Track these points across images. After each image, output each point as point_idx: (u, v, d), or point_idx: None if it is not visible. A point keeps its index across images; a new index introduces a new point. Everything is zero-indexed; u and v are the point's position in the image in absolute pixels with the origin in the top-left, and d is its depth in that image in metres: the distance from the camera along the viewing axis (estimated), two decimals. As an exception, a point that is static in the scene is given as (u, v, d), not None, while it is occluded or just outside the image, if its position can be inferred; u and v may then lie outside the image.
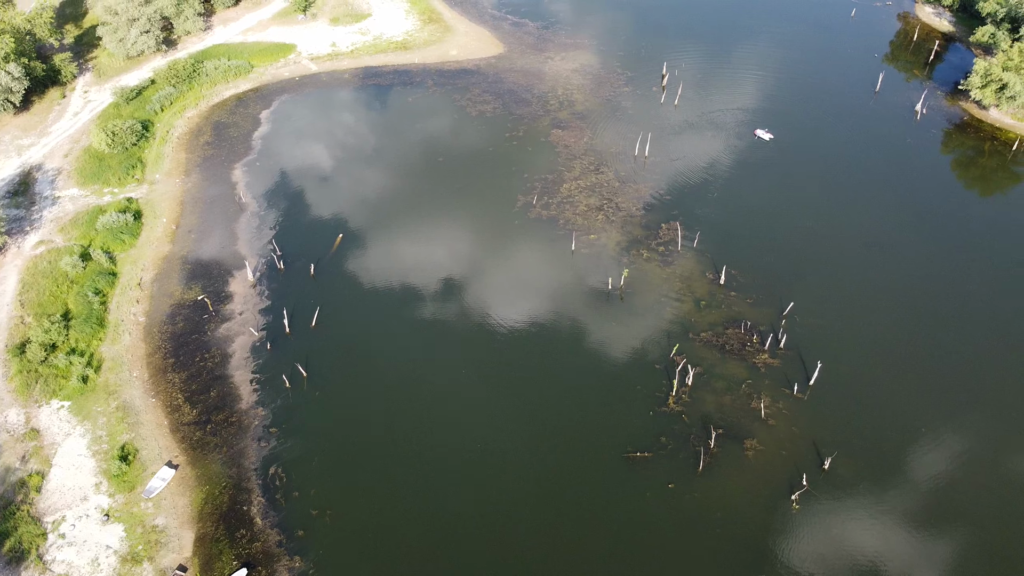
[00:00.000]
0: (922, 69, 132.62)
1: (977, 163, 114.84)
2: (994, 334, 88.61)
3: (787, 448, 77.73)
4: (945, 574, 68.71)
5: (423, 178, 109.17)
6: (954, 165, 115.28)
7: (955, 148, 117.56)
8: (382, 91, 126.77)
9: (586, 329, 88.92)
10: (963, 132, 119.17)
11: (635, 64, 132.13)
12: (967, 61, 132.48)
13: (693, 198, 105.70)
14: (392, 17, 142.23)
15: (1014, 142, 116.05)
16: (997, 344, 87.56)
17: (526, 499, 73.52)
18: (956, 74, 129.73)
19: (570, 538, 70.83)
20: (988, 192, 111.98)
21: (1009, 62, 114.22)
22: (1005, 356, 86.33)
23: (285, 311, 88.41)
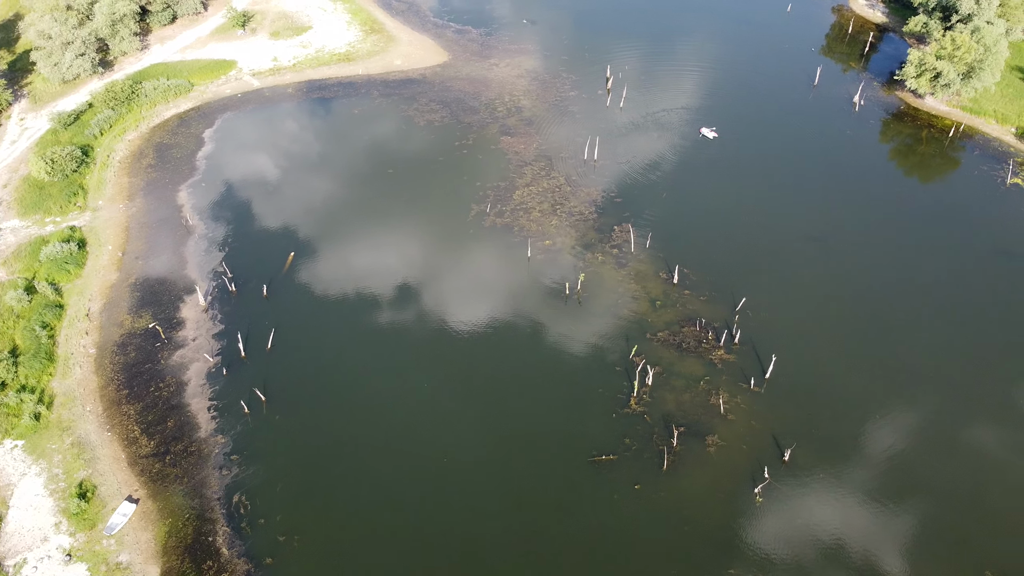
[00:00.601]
0: (858, 61, 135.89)
1: (916, 151, 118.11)
2: (940, 316, 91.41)
3: (747, 442, 79.13)
4: (904, 547, 70.97)
5: (374, 191, 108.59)
6: (893, 154, 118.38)
7: (893, 137, 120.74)
8: (327, 104, 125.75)
9: (546, 334, 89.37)
10: (900, 121, 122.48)
11: (579, 68, 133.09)
12: (901, 51, 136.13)
13: (643, 199, 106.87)
14: (334, 29, 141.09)
15: (950, 129, 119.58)
16: (943, 325, 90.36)
17: (495, 511, 73.66)
18: (891, 64, 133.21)
19: (541, 547, 71.15)
20: (928, 179, 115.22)
21: (942, 51, 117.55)
22: (951, 336, 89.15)
23: (239, 334, 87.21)
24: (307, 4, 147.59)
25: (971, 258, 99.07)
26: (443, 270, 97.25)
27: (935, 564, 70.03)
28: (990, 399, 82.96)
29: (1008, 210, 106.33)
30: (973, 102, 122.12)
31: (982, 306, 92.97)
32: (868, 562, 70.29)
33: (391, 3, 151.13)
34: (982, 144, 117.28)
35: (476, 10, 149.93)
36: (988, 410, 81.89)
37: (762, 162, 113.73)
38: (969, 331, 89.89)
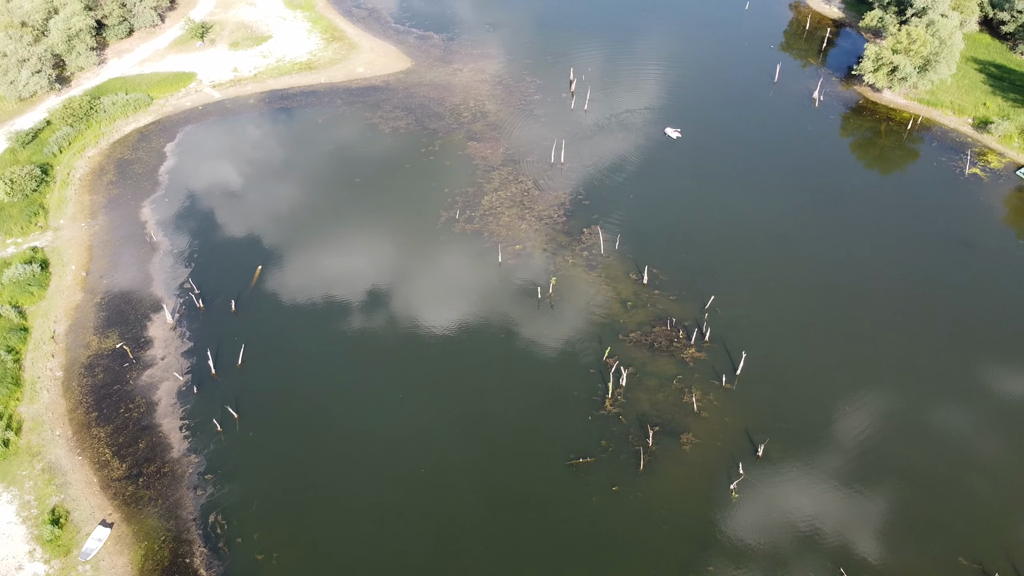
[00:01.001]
0: (816, 56, 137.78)
1: (875, 144, 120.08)
2: (903, 305, 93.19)
3: (721, 439, 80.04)
4: (879, 534, 72.41)
5: (341, 200, 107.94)
6: (853, 147, 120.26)
7: (853, 131, 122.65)
8: (290, 114, 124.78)
9: (520, 340, 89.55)
10: (860, 115, 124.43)
11: (543, 70, 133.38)
12: (858, 46, 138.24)
13: (611, 201, 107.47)
14: (294, 38, 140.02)
15: (908, 121, 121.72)
16: (907, 315, 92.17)
17: (475, 519, 73.71)
18: (849, 59, 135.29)
19: (523, 554, 71.37)
20: (888, 171, 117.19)
21: (898, 45, 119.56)
22: (915, 325, 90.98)
23: (209, 352, 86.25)
24: (266, 13, 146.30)
25: (932, 248, 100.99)
26: (414, 278, 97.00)
27: (909, 551, 71.41)
28: (953, 384, 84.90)
29: (967, 200, 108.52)
30: (930, 94, 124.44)
31: (944, 294, 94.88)
32: (844, 551, 71.44)
33: (351, 10, 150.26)
34: (940, 135, 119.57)
35: (437, 15, 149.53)
36: (952, 394, 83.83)
37: (725, 160, 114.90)
38: (932, 319, 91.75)
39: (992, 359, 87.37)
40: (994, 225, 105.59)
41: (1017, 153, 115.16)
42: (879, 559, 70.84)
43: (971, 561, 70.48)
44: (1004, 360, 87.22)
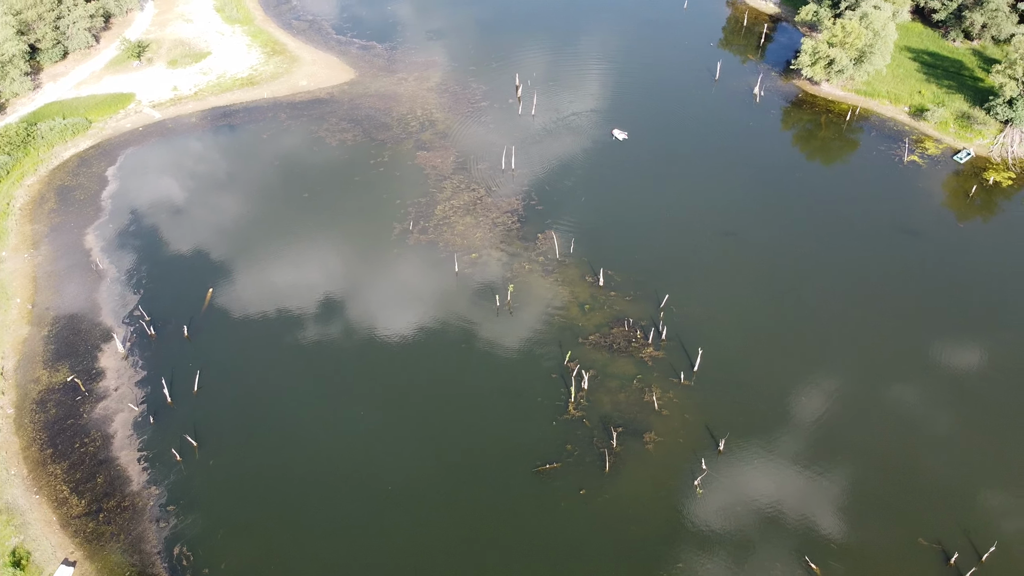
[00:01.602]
0: (755, 52, 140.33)
1: (816, 136, 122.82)
2: (850, 293, 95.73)
3: (683, 436, 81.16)
4: (841, 519, 74.25)
5: (291, 217, 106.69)
6: (795, 140, 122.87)
7: (794, 124, 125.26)
8: (234, 131, 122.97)
9: (481, 348, 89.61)
10: (800, 109, 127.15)
11: (488, 77, 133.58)
12: (795, 40, 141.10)
13: (563, 204, 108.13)
14: (234, 53, 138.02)
15: (847, 112, 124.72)
16: (854, 301, 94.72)
17: (444, 533, 73.56)
18: (787, 54, 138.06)
19: (494, 565, 71.48)
20: (830, 162, 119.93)
21: (834, 38, 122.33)
22: (863, 310, 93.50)
23: (163, 380, 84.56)
24: (204, 29, 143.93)
25: (877, 236, 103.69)
26: (370, 292, 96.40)
27: (871, 534, 73.23)
28: (904, 366, 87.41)
29: (907, 187, 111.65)
30: (867, 85, 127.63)
31: (890, 280, 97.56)
32: (807, 538, 72.99)
33: (291, 23, 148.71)
34: (878, 125, 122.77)
35: (379, 25, 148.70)
36: (903, 377, 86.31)
37: (672, 159, 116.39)
38: (880, 305, 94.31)
39: (940, 341, 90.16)
40: (934, 210, 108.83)
41: (953, 139, 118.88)
42: (842, 544, 72.52)
43: (930, 542, 72.57)
44: (951, 341, 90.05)
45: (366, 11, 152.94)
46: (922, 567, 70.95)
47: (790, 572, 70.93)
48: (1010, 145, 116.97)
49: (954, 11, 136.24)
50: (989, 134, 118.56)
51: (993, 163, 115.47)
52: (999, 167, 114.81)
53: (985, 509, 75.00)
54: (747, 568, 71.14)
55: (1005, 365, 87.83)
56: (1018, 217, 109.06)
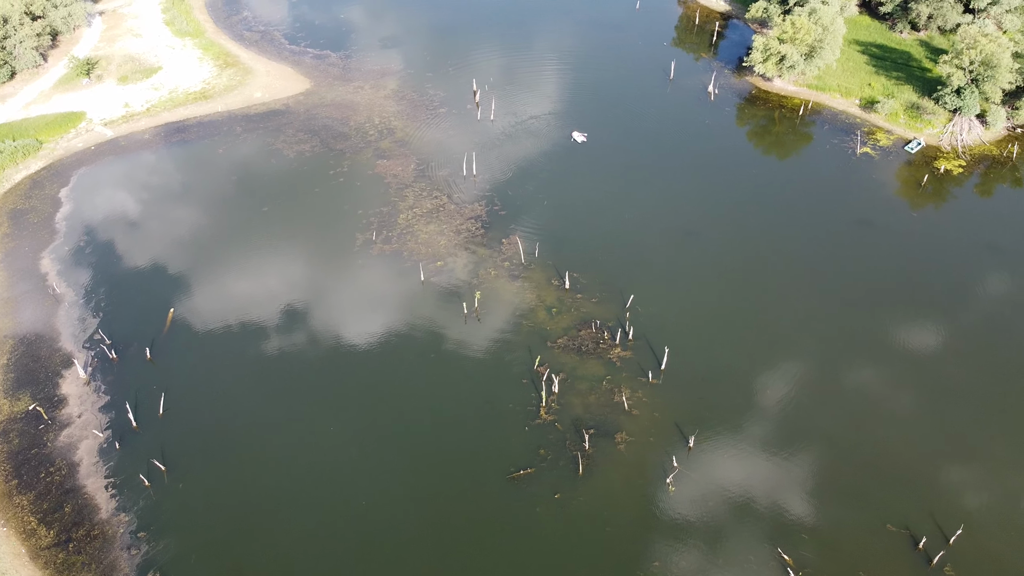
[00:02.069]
0: (708, 50, 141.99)
1: (771, 131, 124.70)
2: (810, 285, 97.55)
3: (653, 434, 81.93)
4: (810, 508, 75.66)
5: (251, 232, 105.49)
6: (750, 136, 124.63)
7: (748, 121, 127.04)
8: (189, 147, 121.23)
9: (450, 357, 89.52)
10: (754, 105, 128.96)
11: (445, 83, 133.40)
12: (747, 37, 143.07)
13: (526, 209, 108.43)
14: (185, 67, 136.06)
15: (800, 107, 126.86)
16: (813, 293, 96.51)
17: (421, 545, 73.33)
18: (739, 51, 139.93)
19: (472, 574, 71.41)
20: (785, 156, 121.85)
21: (784, 34, 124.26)
22: (821, 301, 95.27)
23: (127, 404, 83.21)
24: (154, 44, 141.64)
25: (834, 228, 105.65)
26: (335, 305, 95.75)
27: (841, 522, 74.61)
28: (866, 355, 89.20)
29: (861, 178, 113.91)
30: (818, 79, 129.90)
31: (846, 269, 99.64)
32: (779, 529, 74.13)
33: (243, 34, 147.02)
34: (830, 118, 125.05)
35: (332, 34, 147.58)
36: (865, 365, 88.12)
37: (631, 160, 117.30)
38: (836, 293, 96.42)
39: (897, 326, 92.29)
40: (888, 200, 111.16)
41: (904, 129, 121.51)
42: (812, 534, 73.78)
43: (898, 527, 74.16)
44: (908, 326, 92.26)
45: (319, 20, 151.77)
46: (892, 553, 72.44)
47: (763, 564, 71.99)
48: (959, 134, 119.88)
49: (900, 3, 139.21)
50: (938, 123, 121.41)
51: (943, 152, 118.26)
52: (949, 156, 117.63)
53: (950, 492, 76.86)
54: (722, 562, 72.08)
55: (960, 347, 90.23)
56: (968, 204, 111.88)
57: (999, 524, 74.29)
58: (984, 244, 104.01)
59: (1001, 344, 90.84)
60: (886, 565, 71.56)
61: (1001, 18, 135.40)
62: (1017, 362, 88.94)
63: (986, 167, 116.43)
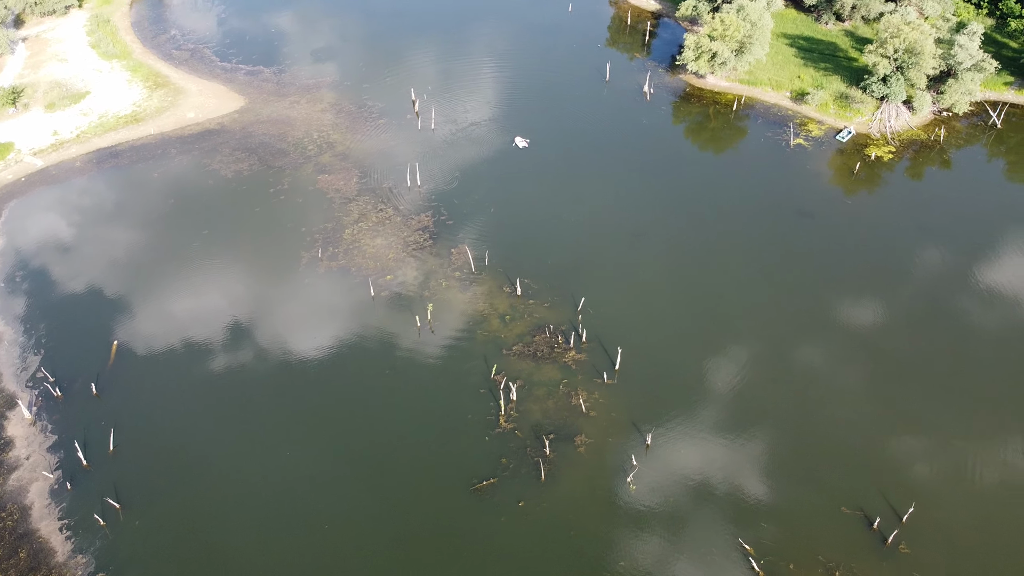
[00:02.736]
0: (641, 50, 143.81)
1: (707, 128, 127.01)
2: (752, 276, 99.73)
3: (612, 435, 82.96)
4: (768, 494, 77.62)
5: (192, 257, 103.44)
6: (687, 134, 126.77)
7: (685, 118, 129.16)
8: (123, 172, 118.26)
9: (406, 372, 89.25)
10: (689, 103, 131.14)
11: (383, 94, 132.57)
12: (678, 35, 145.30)
13: (473, 217, 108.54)
14: (114, 90, 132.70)
15: (733, 102, 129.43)
16: (757, 284, 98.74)
17: (389, 565, 73.14)
18: (671, 49, 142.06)
19: (441, 588, 71.59)
20: (721, 151, 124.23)
21: (714, 32, 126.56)
22: (765, 292, 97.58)
23: (76, 442, 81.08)
24: (81, 68, 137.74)
25: (772, 218, 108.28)
26: (285, 326, 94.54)
27: (798, 509, 76.67)
28: (806, 338, 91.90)
29: (796, 169, 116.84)
30: (749, 74, 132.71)
31: (787, 258, 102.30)
32: (738, 519, 75.82)
33: (172, 53, 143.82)
34: (763, 112, 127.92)
35: (264, 49, 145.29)
36: (807, 348, 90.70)
37: (574, 164, 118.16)
38: (779, 283, 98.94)
39: (839, 309, 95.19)
40: (823, 189, 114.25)
41: (834, 119, 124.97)
42: (771, 521, 75.58)
43: (853, 509, 76.46)
44: (850, 308, 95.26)
45: (250, 35, 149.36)
46: (848, 535, 74.65)
47: (726, 555, 73.54)
48: (887, 120, 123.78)
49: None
50: (867, 111, 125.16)
51: (873, 139, 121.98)
52: (879, 142, 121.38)
53: (899, 469, 79.54)
54: (686, 556, 73.42)
55: (899, 325, 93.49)
56: (900, 188, 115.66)
57: (949, 499, 77.14)
58: (916, 226, 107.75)
59: (937, 320, 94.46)
60: (843, 547, 73.72)
61: (922, 4, 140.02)
62: (952, 336, 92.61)
63: (915, 151, 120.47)
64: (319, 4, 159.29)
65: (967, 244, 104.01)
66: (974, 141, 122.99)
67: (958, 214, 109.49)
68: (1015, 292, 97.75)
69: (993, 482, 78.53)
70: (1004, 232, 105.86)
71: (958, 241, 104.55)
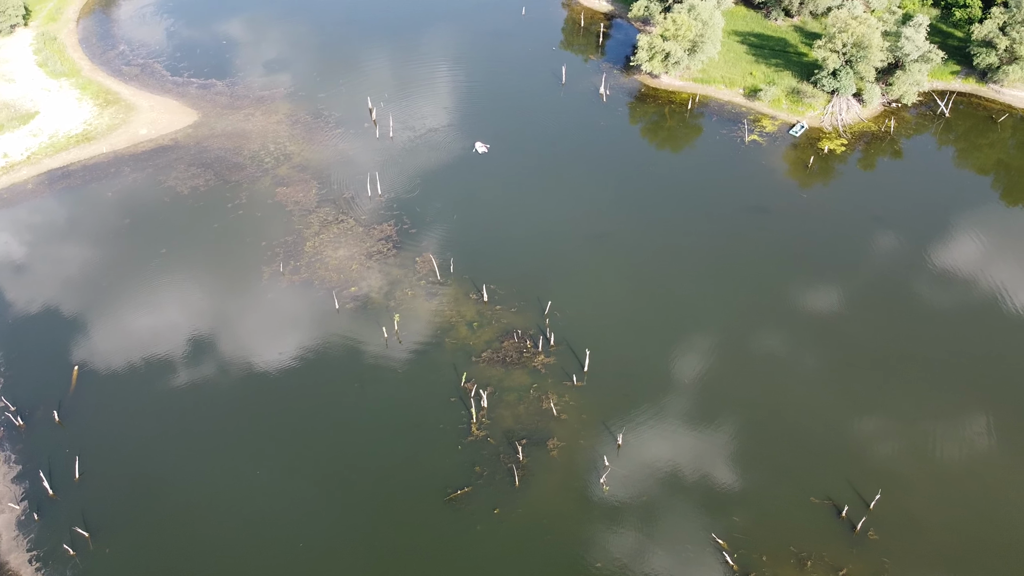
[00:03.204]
0: (596, 52, 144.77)
1: (663, 127, 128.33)
2: (714, 273, 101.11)
3: (584, 437, 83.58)
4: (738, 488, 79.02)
5: (151, 277, 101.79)
6: (644, 133, 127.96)
7: (641, 118, 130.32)
8: (76, 193, 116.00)
9: (375, 384, 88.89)
10: (644, 103, 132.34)
11: (339, 103, 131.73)
12: (632, 36, 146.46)
13: (436, 224, 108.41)
14: (64, 109, 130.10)
15: (687, 101, 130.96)
16: (719, 280, 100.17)
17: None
18: (625, 49, 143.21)
19: (420, 600, 71.51)
20: (678, 150, 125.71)
21: (666, 31, 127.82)
22: (727, 287, 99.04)
23: (41, 471, 79.45)
24: (28, 88, 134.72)
25: (730, 214, 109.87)
26: (249, 343, 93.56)
27: (767, 500, 77.97)
28: (770, 332, 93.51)
29: (752, 165, 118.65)
30: (703, 73, 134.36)
31: (746, 253, 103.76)
32: (710, 513, 76.96)
33: (121, 69, 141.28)
34: (718, 110, 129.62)
35: (215, 61, 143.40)
36: (771, 342, 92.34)
37: (535, 167, 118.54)
38: (740, 278, 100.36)
39: (798, 300, 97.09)
40: (779, 184, 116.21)
41: (787, 114, 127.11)
42: (742, 515, 76.75)
43: (821, 499, 77.97)
44: (809, 298, 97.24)
45: (200, 48, 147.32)
46: (817, 525, 76.11)
47: (700, 550, 74.57)
48: (839, 113, 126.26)
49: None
50: (819, 105, 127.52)
51: (825, 132, 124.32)
52: (831, 136, 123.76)
53: (863, 457, 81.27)
54: (662, 553, 74.28)
55: (857, 314, 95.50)
56: (853, 179, 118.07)
57: (913, 483, 79.03)
58: (870, 216, 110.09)
59: (893, 305, 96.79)
60: (814, 537, 75.15)
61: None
62: (908, 320, 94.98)
63: (866, 143, 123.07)
64: (270, 14, 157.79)
65: (919, 231, 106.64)
66: (923, 130, 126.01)
67: (910, 202, 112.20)
68: (966, 274, 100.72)
69: (954, 462, 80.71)
70: (955, 218, 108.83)
71: (911, 229, 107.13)
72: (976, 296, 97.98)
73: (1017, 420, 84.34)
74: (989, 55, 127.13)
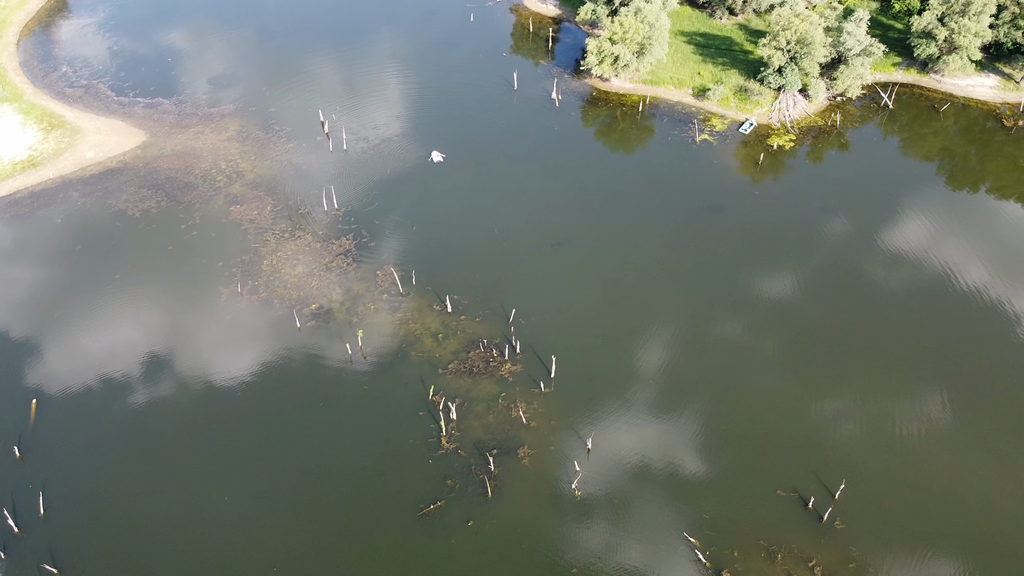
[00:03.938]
0: (546, 56, 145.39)
1: (616, 130, 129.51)
2: (672, 272, 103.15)
3: (553, 443, 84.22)
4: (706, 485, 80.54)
5: (106, 304, 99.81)
6: (597, 136, 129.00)
7: (593, 122, 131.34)
8: (23, 222, 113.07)
9: (341, 402, 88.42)
10: (596, 106, 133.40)
11: (289, 118, 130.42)
12: (580, 40, 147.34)
13: (395, 237, 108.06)
14: (7, 135, 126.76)
15: (638, 103, 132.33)
16: (677, 278, 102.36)
17: (343, 599, 72.60)
18: (575, 53, 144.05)
19: (399, 617, 71.38)
20: (631, 152, 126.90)
21: (614, 35, 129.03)
22: (684, 285, 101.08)
23: (5, 509, 77.56)
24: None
25: (685, 213, 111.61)
26: (209, 366, 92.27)
27: (735, 496, 79.57)
28: (729, 328, 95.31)
29: (703, 165, 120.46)
30: (652, 74, 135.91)
31: (703, 251, 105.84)
32: (680, 512, 78.31)
33: (64, 91, 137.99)
34: (668, 110, 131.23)
35: (160, 80, 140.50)
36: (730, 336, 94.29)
37: (491, 175, 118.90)
38: (698, 275, 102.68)
39: (756, 292, 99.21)
40: (731, 181, 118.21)
41: (736, 112, 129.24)
42: (711, 512, 78.18)
43: (787, 491, 79.63)
44: (766, 289, 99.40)
45: (144, 66, 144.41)
46: (785, 517, 77.77)
47: (673, 549, 75.76)
48: (786, 110, 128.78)
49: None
50: (766, 102, 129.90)
51: (774, 129, 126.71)
52: (780, 132, 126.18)
53: (826, 447, 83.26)
54: (635, 555, 75.24)
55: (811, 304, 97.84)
56: (802, 173, 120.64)
57: (875, 471, 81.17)
58: (820, 207, 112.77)
59: (845, 293, 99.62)
60: (782, 530, 76.82)
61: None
62: (861, 307, 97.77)
63: (814, 137, 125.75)
64: (214, 26, 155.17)
65: (869, 219, 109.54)
66: (868, 122, 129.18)
67: (859, 192, 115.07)
68: (913, 258, 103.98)
69: (913, 445, 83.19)
70: (902, 204, 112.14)
71: (860, 217, 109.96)
72: (925, 278, 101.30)
73: (971, 397, 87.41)
74: (929, 46, 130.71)
